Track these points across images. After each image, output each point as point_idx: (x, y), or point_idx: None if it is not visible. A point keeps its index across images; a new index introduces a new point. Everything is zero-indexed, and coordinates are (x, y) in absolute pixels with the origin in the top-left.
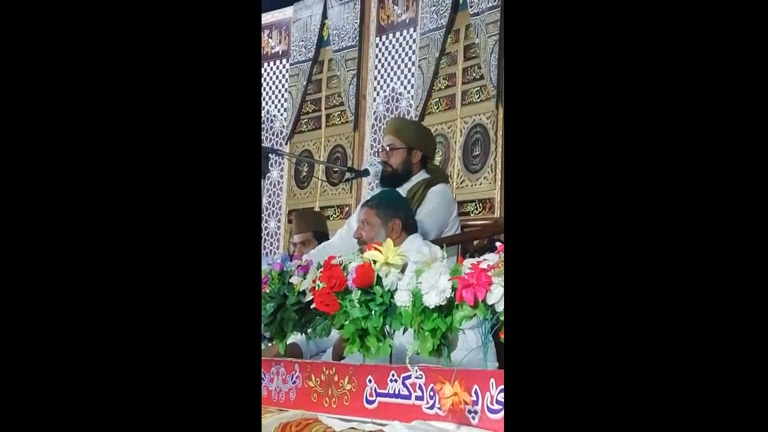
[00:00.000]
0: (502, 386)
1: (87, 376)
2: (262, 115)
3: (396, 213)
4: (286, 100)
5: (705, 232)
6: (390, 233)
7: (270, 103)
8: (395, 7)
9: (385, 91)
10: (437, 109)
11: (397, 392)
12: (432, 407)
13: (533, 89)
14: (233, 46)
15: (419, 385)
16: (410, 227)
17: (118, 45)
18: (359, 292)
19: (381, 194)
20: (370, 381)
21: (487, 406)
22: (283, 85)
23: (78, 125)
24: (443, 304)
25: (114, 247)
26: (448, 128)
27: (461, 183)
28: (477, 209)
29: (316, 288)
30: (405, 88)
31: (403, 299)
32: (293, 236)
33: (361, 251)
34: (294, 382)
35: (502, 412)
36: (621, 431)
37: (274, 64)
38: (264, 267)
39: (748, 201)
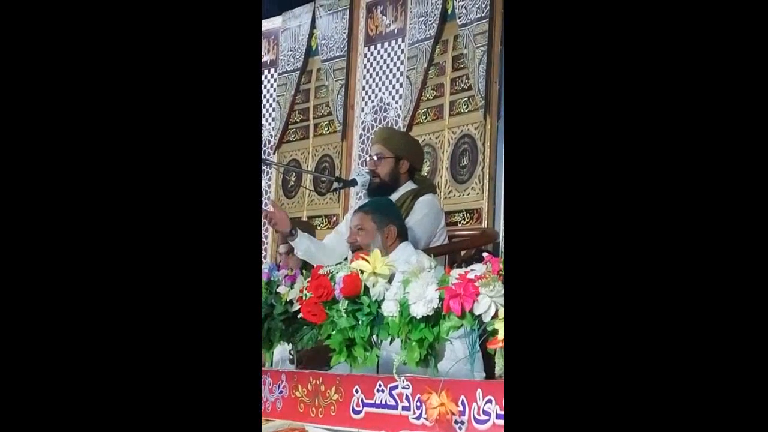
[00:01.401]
0: (490, 397)
1: (83, 379)
2: None
3: (390, 220)
4: (274, 110)
5: (704, 238)
6: (385, 239)
7: None
8: (384, 18)
9: (373, 101)
10: (425, 119)
11: (383, 402)
12: (419, 417)
13: (533, 97)
14: (234, 53)
15: (406, 395)
16: (403, 235)
17: (118, 50)
18: (346, 302)
19: (375, 201)
20: (357, 391)
21: (474, 417)
22: (271, 95)
23: (78, 129)
24: (430, 314)
25: (114, 250)
26: (436, 138)
27: (449, 193)
28: (464, 219)
29: (303, 298)
30: (393, 98)
31: (390, 309)
32: (280, 246)
33: (354, 256)
34: (281, 392)
35: (489, 422)
36: None
37: (263, 73)
38: None
39: (747, 205)
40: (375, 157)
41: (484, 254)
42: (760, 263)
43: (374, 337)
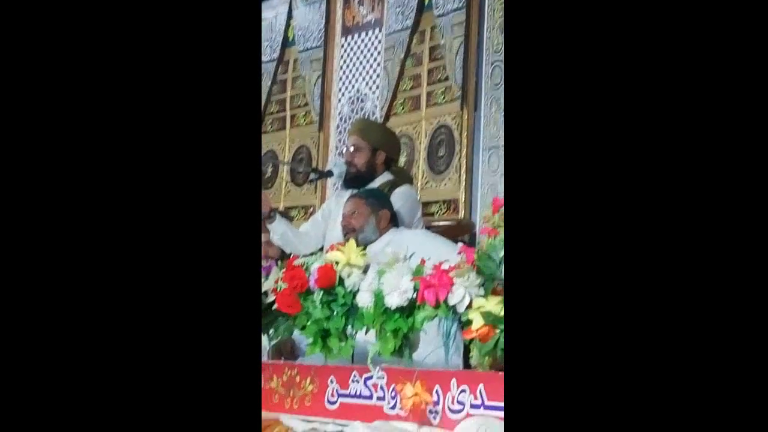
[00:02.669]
0: (464, 386)
1: (78, 376)
2: None
3: (383, 205)
4: None
5: (703, 238)
6: (378, 223)
7: None
8: (361, 8)
9: (350, 92)
10: (402, 110)
11: (358, 393)
12: (393, 407)
13: (533, 90)
14: (232, 47)
15: (381, 385)
16: (395, 220)
17: (118, 52)
18: (321, 292)
19: (368, 189)
20: (331, 382)
21: (448, 407)
22: None
23: (76, 129)
24: (405, 304)
25: (113, 251)
26: (413, 129)
27: (426, 184)
28: (441, 210)
29: (278, 289)
30: (370, 88)
31: (365, 300)
32: None
33: (347, 239)
34: None
35: (463, 412)
36: None
37: None
38: None
39: (747, 205)
40: (351, 148)
41: (459, 245)
42: (760, 262)
43: (349, 327)
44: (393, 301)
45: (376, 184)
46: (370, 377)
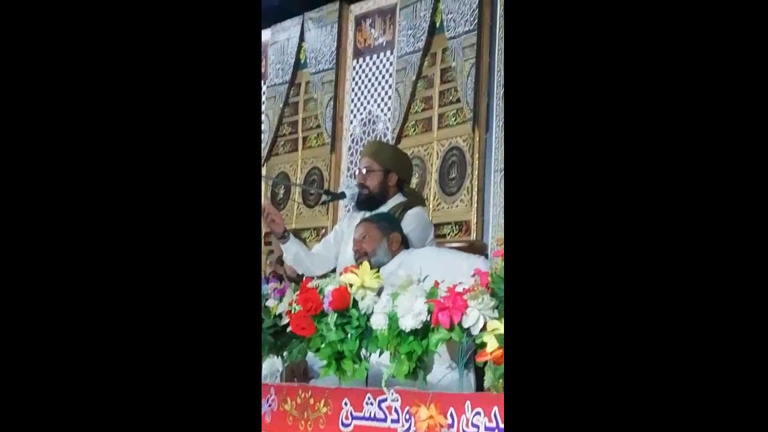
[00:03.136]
0: (478, 409)
1: (80, 386)
2: None
3: (394, 228)
4: (263, 123)
5: (702, 244)
6: (390, 246)
7: None
8: (372, 31)
9: (361, 114)
10: (414, 131)
11: (372, 415)
12: (408, 430)
13: (532, 105)
14: (233, 62)
15: (395, 408)
16: (406, 243)
17: (120, 56)
18: (335, 315)
19: (378, 213)
20: (345, 404)
21: (463, 429)
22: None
23: (76, 131)
24: (419, 327)
25: (114, 255)
26: (425, 151)
27: (437, 205)
28: (453, 232)
29: (292, 311)
30: (382, 110)
31: (379, 322)
32: (269, 256)
33: (359, 263)
34: (269, 406)
35: None
36: None
37: None
38: None
39: (746, 211)
40: (364, 170)
41: (474, 256)
42: (760, 264)
43: (363, 350)
44: (407, 323)
45: (388, 206)
46: (385, 400)
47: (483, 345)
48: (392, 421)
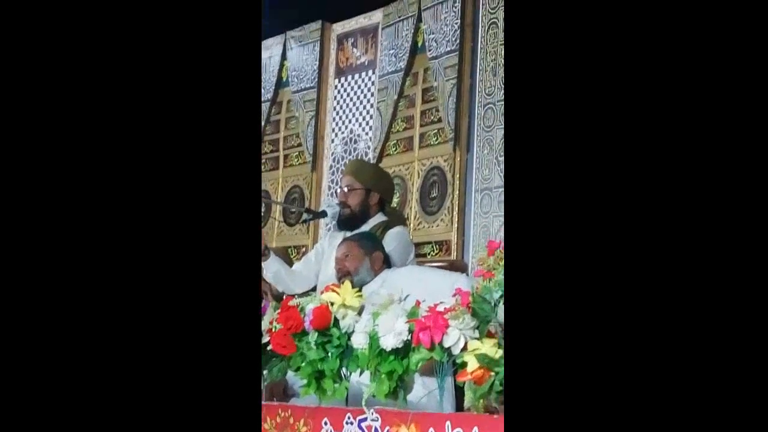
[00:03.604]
0: (458, 429)
1: (77, 386)
2: None
3: (376, 247)
4: None
5: (699, 253)
6: (372, 265)
7: None
8: (354, 50)
9: (343, 133)
10: (395, 151)
11: None
12: None
13: (534, 121)
14: (233, 61)
15: (375, 427)
16: (388, 262)
17: (121, 63)
18: (316, 333)
19: (360, 233)
20: (325, 423)
21: None
22: None
23: (76, 132)
24: (400, 346)
25: (114, 259)
26: (406, 170)
27: (418, 225)
28: (434, 251)
29: (273, 329)
30: (363, 129)
31: (359, 341)
32: None
33: (341, 283)
34: None
35: None
36: None
37: None
38: None
39: (746, 211)
40: (346, 189)
41: (455, 273)
42: (760, 264)
43: (344, 369)
44: (388, 342)
45: (369, 225)
46: (365, 419)
47: (463, 365)
48: None
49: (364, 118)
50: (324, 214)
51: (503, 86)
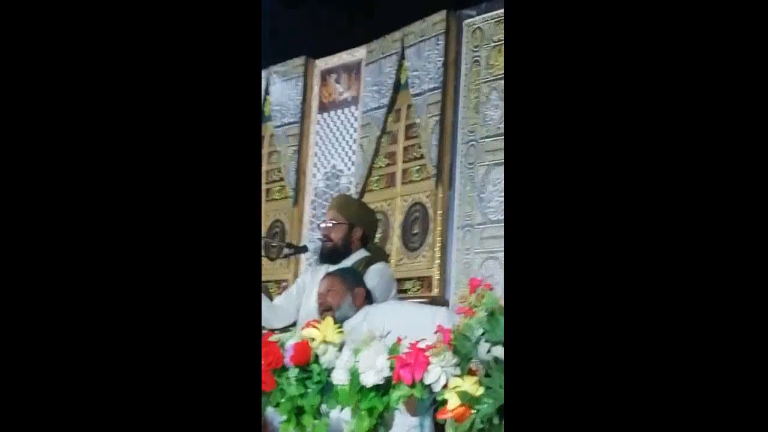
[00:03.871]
0: None
1: (75, 382)
2: None
3: (358, 283)
4: None
5: (698, 260)
6: (354, 300)
7: None
8: (337, 86)
9: (325, 168)
10: (377, 186)
11: None
12: None
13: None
14: (234, 56)
15: None
16: (369, 298)
17: (121, 73)
18: (296, 369)
19: (343, 268)
20: None
21: None
22: None
23: (76, 133)
24: (381, 383)
25: (115, 259)
26: (388, 206)
27: (400, 260)
28: (415, 287)
29: None
30: (346, 165)
31: (340, 378)
32: None
33: (323, 318)
34: None
35: None
36: None
37: None
38: None
39: (746, 211)
40: (330, 223)
41: (435, 308)
42: (760, 265)
43: (324, 405)
44: (369, 379)
45: (351, 260)
46: None
47: (444, 402)
48: None
49: (346, 154)
50: (305, 248)
51: (503, 121)
